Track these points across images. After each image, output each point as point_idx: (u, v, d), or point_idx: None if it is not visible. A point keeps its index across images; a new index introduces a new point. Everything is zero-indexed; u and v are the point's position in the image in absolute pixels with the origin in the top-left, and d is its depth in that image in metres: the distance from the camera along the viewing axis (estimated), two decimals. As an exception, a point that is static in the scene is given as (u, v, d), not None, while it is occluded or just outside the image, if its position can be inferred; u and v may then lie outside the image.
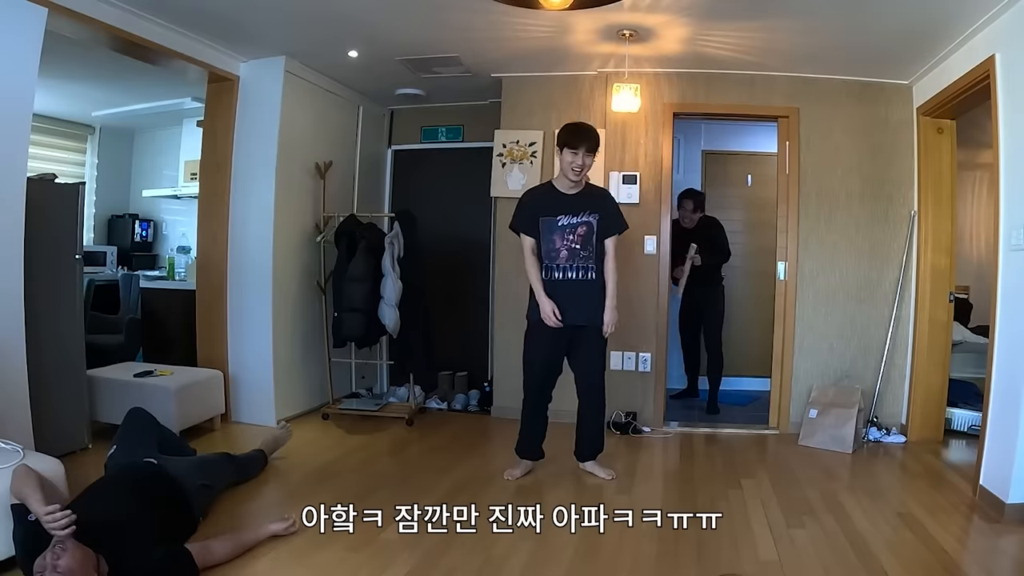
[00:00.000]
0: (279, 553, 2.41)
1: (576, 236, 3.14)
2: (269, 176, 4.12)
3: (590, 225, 3.15)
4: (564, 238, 3.14)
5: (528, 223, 3.21)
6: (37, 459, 2.35)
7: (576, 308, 3.16)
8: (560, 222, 3.14)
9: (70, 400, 3.40)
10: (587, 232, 3.15)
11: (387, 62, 4.26)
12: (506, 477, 3.29)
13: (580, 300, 3.16)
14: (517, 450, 3.37)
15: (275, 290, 4.18)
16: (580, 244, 3.15)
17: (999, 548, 2.62)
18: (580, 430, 3.36)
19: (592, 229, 3.15)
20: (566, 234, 3.14)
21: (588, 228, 3.15)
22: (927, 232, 4.05)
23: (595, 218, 3.15)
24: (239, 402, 4.23)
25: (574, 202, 3.16)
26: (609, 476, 3.30)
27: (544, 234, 3.17)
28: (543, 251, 3.19)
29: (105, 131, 6.03)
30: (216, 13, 3.44)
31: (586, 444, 3.36)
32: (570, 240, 3.14)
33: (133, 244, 5.98)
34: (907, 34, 3.43)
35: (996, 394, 3.03)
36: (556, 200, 3.18)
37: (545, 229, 3.16)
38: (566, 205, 3.16)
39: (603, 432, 3.39)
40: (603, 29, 3.62)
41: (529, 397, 3.32)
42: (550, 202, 3.18)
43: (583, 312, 3.16)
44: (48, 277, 3.25)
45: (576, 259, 3.15)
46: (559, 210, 3.15)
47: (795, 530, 2.71)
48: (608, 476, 3.30)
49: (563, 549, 2.50)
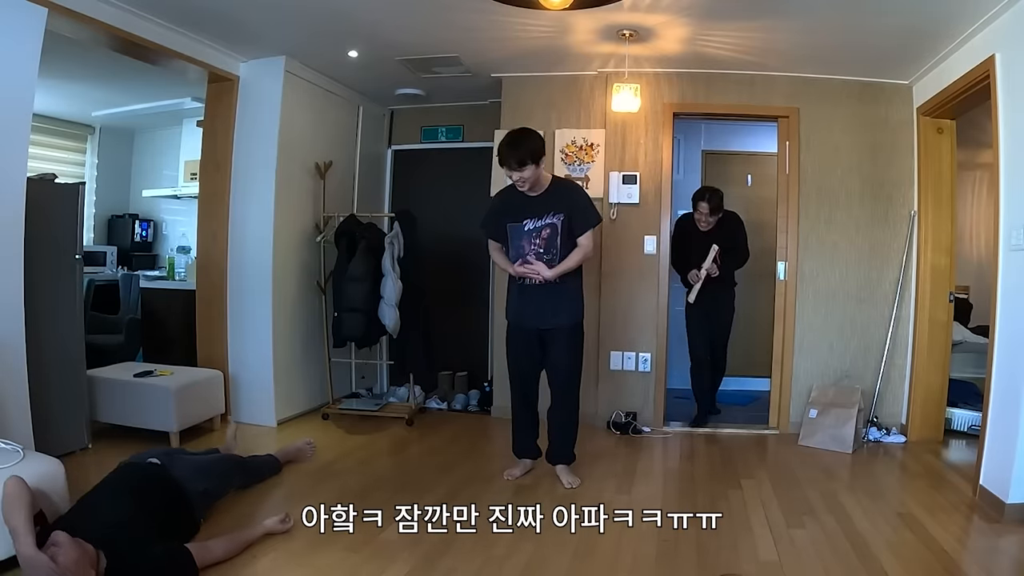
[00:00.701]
0: (279, 553, 2.41)
1: (540, 240, 3.10)
2: (269, 176, 4.12)
3: (554, 227, 3.08)
4: (531, 242, 3.11)
5: (495, 229, 3.22)
6: (37, 459, 2.36)
7: (542, 312, 3.15)
8: (526, 226, 3.11)
9: (70, 400, 3.39)
10: (551, 234, 3.09)
11: (387, 62, 4.26)
12: (506, 477, 3.29)
13: (547, 304, 3.14)
14: (513, 449, 3.38)
15: (275, 290, 4.18)
16: (544, 247, 3.10)
17: (999, 548, 2.62)
18: (549, 431, 3.32)
19: (556, 231, 3.09)
20: (532, 238, 3.11)
21: (552, 230, 3.09)
22: (927, 232, 4.05)
23: (559, 219, 3.08)
24: (239, 402, 4.22)
25: (538, 204, 3.10)
26: (570, 485, 3.18)
27: (512, 239, 3.15)
28: (511, 256, 3.17)
29: (105, 131, 6.03)
30: (216, 13, 3.44)
31: (553, 448, 3.31)
32: (536, 244, 3.10)
33: (133, 244, 5.98)
34: (907, 34, 3.42)
35: (996, 394, 3.03)
36: (521, 203, 3.12)
37: (513, 234, 3.15)
38: (530, 208, 3.11)
39: (572, 438, 3.30)
40: (603, 29, 3.61)
41: (513, 396, 3.36)
42: (516, 206, 3.13)
43: (549, 315, 3.14)
44: (48, 277, 3.25)
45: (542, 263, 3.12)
46: (524, 214, 3.11)
47: (795, 530, 2.71)
48: (569, 485, 3.18)
49: (563, 549, 2.50)
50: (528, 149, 2.98)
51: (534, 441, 3.37)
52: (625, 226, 4.33)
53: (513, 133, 3.08)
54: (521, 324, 3.22)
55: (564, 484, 3.20)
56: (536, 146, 3.01)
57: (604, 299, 4.37)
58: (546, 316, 3.15)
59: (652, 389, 4.35)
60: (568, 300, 3.16)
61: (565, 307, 3.16)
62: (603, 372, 4.38)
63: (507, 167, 3.00)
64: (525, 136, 3.04)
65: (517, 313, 3.24)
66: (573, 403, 3.27)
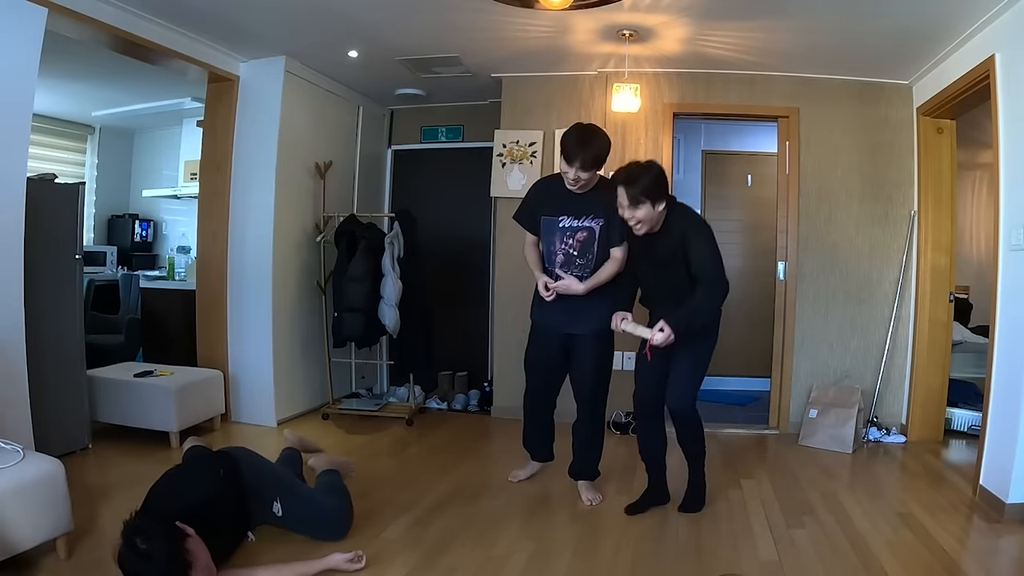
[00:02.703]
0: (276, 555, 2.38)
1: (575, 241, 2.87)
2: (269, 176, 4.12)
3: (591, 231, 2.85)
4: (563, 241, 2.88)
5: (529, 220, 3.00)
6: (37, 459, 2.34)
7: (567, 316, 2.91)
8: (561, 223, 2.88)
9: (70, 400, 3.39)
10: (587, 238, 2.86)
11: (387, 62, 4.25)
12: (510, 478, 3.26)
13: (573, 308, 2.88)
14: (524, 445, 3.26)
15: (275, 290, 4.17)
16: (578, 251, 2.87)
17: (999, 548, 2.61)
18: (573, 444, 3.12)
19: (594, 235, 2.85)
20: (565, 237, 2.88)
21: (589, 234, 2.85)
22: (927, 232, 4.05)
23: (599, 224, 2.84)
24: (239, 402, 4.22)
25: (580, 203, 2.85)
26: (589, 502, 2.98)
27: (544, 234, 2.94)
28: (543, 251, 2.99)
29: (105, 131, 6.03)
30: (216, 13, 3.44)
31: (577, 463, 3.12)
32: (568, 245, 2.88)
33: (133, 244, 5.98)
34: (907, 34, 3.42)
35: (996, 394, 3.02)
36: (562, 198, 2.88)
37: (545, 229, 2.93)
38: (571, 205, 2.86)
39: (597, 454, 3.10)
40: (603, 29, 3.61)
41: (527, 398, 3.17)
42: (555, 199, 2.90)
43: (575, 321, 2.91)
44: (48, 277, 3.24)
45: (572, 266, 2.89)
46: (562, 210, 2.87)
47: (795, 530, 2.71)
48: (588, 502, 2.98)
49: (563, 549, 2.50)
50: (597, 152, 2.75)
51: (549, 444, 3.23)
52: (625, 226, 4.31)
53: (585, 130, 2.78)
54: (545, 325, 3.01)
55: (584, 501, 3.00)
56: (605, 151, 2.78)
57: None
58: (572, 320, 2.91)
59: (652, 389, 4.33)
60: (597, 305, 2.85)
61: (593, 312, 2.87)
62: (603, 372, 4.36)
63: (570, 163, 2.73)
64: (597, 137, 2.77)
65: (542, 314, 3.02)
66: (599, 416, 3.07)
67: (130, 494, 2.21)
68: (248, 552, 2.37)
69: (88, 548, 2.37)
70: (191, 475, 2.33)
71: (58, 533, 2.26)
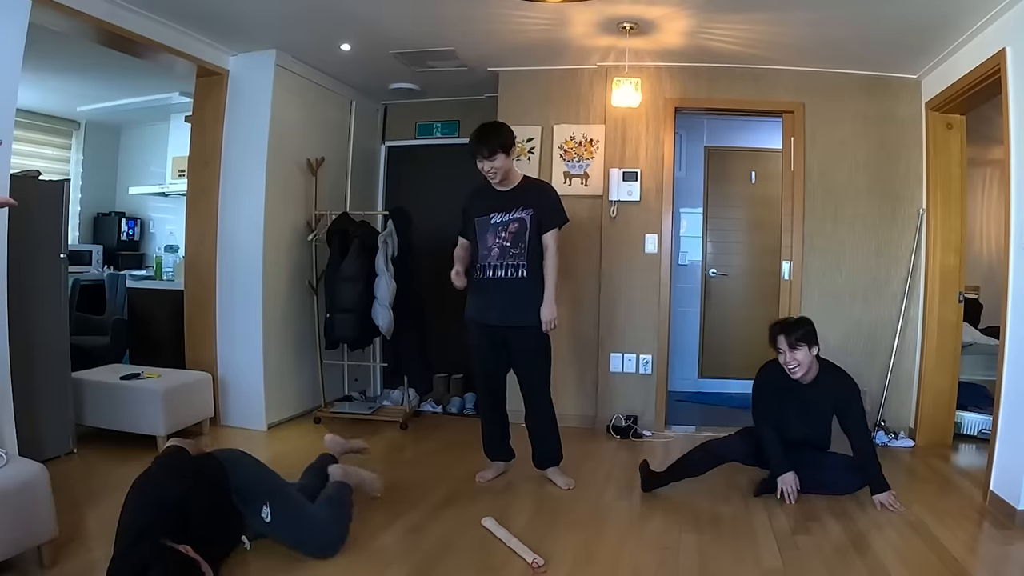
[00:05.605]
0: (272, 558, 2.34)
1: (507, 233, 3.08)
2: (259, 173, 4.06)
3: (522, 221, 3.07)
4: (496, 236, 3.09)
5: (464, 224, 3.24)
6: (21, 464, 2.32)
7: (503, 308, 3.08)
8: (493, 220, 3.10)
9: (55, 403, 3.35)
10: (519, 229, 3.08)
11: (380, 56, 4.19)
12: (477, 480, 3.26)
13: (508, 300, 3.08)
14: (484, 450, 3.35)
15: (266, 290, 4.11)
16: (510, 242, 3.08)
17: (1010, 555, 2.57)
18: (529, 436, 3.26)
19: (525, 225, 3.07)
20: (498, 232, 3.09)
21: (520, 224, 3.07)
22: (936, 230, 4.00)
23: (528, 214, 3.07)
24: (228, 405, 4.16)
25: (507, 199, 3.11)
26: (567, 486, 3.18)
27: (479, 235, 3.13)
28: (479, 251, 3.14)
29: (90, 127, 5.97)
30: (204, 5, 3.39)
31: (537, 451, 3.26)
32: (501, 238, 3.08)
33: (119, 243, 5.91)
34: (915, 27, 3.38)
35: (1007, 397, 2.99)
36: (490, 198, 3.14)
37: (480, 229, 3.13)
38: (499, 202, 3.11)
39: (555, 438, 3.26)
40: (603, 22, 3.56)
41: (479, 396, 3.34)
42: (484, 201, 3.16)
43: (510, 313, 3.08)
44: (32, 277, 3.20)
45: (506, 257, 3.08)
46: (491, 208, 3.11)
47: (800, 536, 2.67)
48: (567, 486, 3.18)
49: (562, 557, 2.45)
50: (498, 138, 3.05)
51: (506, 442, 3.33)
52: (625, 224, 4.26)
53: (482, 126, 3.13)
54: (483, 321, 3.14)
55: (560, 486, 3.18)
56: (505, 136, 3.09)
57: (603, 299, 4.30)
58: (509, 313, 3.08)
59: (653, 392, 4.28)
60: (533, 297, 3.08)
61: (530, 304, 3.07)
62: (602, 374, 4.32)
63: (478, 157, 3.04)
64: (494, 127, 3.14)
65: (479, 309, 3.17)
66: (546, 404, 3.22)
67: (116, 500, 2.16)
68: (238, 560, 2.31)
69: (73, 555, 2.33)
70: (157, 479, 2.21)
71: (42, 540, 2.23)
